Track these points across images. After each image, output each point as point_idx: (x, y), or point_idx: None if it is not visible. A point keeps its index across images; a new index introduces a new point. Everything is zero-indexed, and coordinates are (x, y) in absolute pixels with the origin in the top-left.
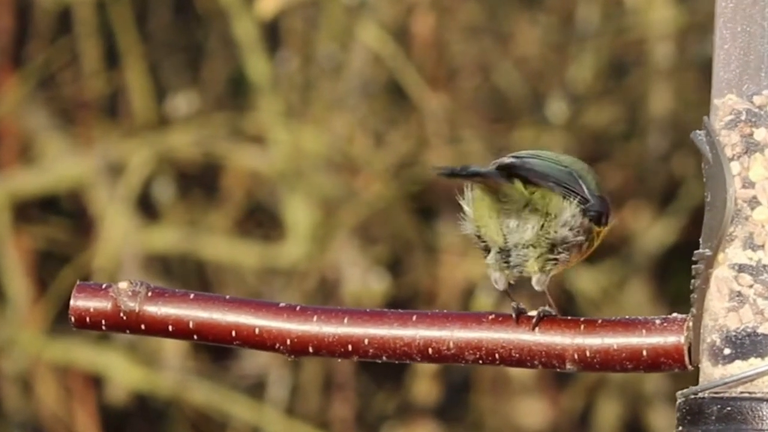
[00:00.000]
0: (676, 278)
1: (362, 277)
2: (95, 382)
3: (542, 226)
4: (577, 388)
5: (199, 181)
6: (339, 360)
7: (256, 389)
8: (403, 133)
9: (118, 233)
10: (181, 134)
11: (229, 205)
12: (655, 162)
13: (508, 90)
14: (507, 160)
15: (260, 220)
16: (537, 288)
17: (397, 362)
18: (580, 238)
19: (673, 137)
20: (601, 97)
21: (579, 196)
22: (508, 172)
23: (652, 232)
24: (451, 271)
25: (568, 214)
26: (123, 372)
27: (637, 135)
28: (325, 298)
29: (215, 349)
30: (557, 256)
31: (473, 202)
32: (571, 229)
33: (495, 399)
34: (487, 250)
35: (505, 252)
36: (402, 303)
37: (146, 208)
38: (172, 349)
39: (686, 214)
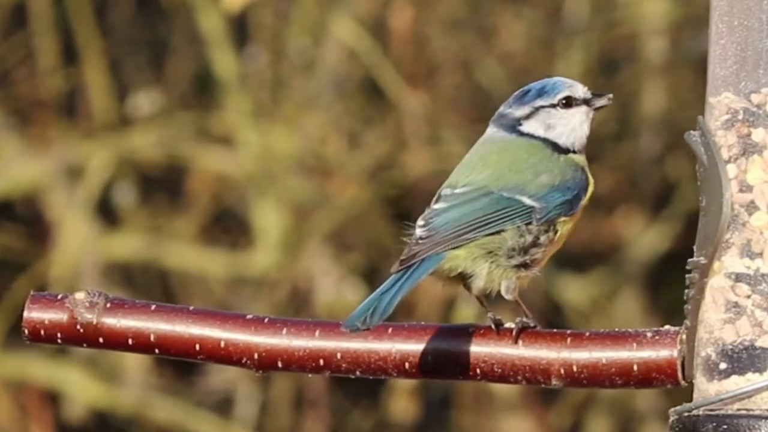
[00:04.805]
0: (671, 288)
1: (336, 287)
2: (52, 398)
3: (490, 264)
4: (565, 404)
5: (163, 185)
6: (310, 375)
7: (224, 406)
8: (380, 134)
9: (77, 240)
10: (144, 135)
11: (194, 211)
12: (648, 164)
13: (492, 88)
14: (419, 232)
15: (228, 226)
16: (507, 297)
17: (372, 378)
18: (536, 248)
19: (667, 138)
20: None
21: (518, 216)
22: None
23: (645, 238)
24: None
25: (509, 243)
26: (81, 388)
27: (628, 136)
28: (297, 309)
29: (179, 363)
30: (519, 273)
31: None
32: (521, 251)
33: (477, 416)
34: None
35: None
36: None
37: (106, 213)
38: (134, 363)
39: (681, 219)
